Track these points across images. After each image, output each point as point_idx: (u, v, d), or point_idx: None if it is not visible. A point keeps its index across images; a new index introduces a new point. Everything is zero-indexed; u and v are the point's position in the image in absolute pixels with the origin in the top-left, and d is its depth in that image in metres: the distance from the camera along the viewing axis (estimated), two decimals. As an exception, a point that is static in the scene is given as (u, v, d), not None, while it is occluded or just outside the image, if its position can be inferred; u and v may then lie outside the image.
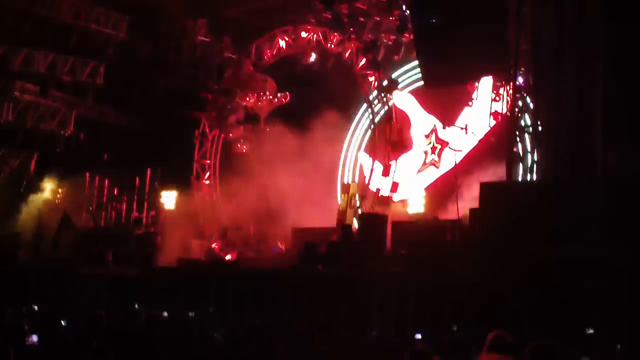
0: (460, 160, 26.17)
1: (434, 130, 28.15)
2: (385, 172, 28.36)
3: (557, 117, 18.21)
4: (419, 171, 28.82)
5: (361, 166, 30.58)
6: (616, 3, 16.92)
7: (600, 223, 14.54)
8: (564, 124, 17.93)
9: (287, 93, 31.29)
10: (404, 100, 28.82)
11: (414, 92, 28.55)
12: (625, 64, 16.54)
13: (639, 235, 13.84)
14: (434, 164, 28.41)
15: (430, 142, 28.24)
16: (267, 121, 31.54)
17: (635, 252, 13.52)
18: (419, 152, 28.62)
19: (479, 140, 26.28)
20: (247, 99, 31.69)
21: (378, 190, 28.41)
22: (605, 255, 13.84)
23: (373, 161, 29.26)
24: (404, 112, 28.93)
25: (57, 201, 32.94)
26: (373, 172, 29.11)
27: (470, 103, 26.18)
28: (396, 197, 28.40)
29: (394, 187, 28.20)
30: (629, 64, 16.48)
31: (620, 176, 15.81)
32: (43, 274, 23.79)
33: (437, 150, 28.02)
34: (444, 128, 28.02)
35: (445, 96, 27.05)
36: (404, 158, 28.64)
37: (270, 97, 31.35)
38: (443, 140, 27.75)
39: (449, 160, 26.77)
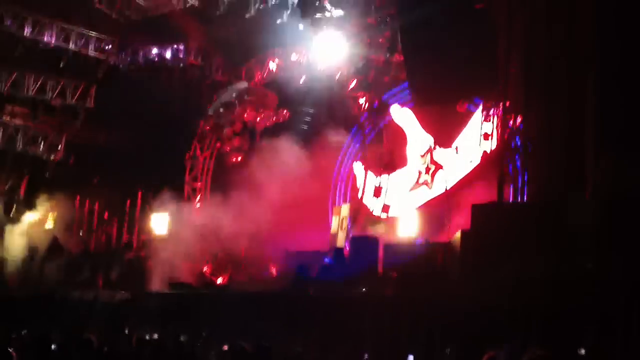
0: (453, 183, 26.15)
1: (429, 150, 27.97)
2: (377, 194, 28.36)
3: (547, 137, 18.23)
4: (411, 189, 28.76)
5: (355, 177, 30.47)
6: (607, 22, 16.96)
7: (592, 241, 14.53)
8: (554, 144, 17.94)
9: (287, 111, 31.30)
10: (402, 115, 28.68)
11: (414, 109, 28.35)
12: (617, 84, 16.56)
13: (631, 252, 13.82)
14: (426, 184, 28.31)
15: (425, 162, 28.07)
16: (263, 136, 31.50)
17: (627, 269, 13.49)
18: (412, 170, 28.50)
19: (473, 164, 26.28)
20: (245, 114, 31.68)
21: (369, 211, 28.38)
22: (598, 273, 13.82)
23: (365, 176, 29.29)
24: (400, 127, 28.83)
25: (47, 225, 32.84)
26: (365, 189, 29.13)
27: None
28: (387, 214, 28.37)
29: (385, 209, 28.18)
30: (620, 84, 16.51)
31: (612, 195, 15.80)
32: (32, 298, 23.70)
33: (430, 171, 27.89)
34: (434, 148, 27.88)
35: (444, 116, 26.91)
36: (397, 174, 28.60)
37: (270, 112, 31.34)
38: (437, 162, 27.61)
39: (442, 182, 26.66)
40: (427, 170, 27.93)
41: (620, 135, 16.43)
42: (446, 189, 25.28)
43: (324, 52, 29.13)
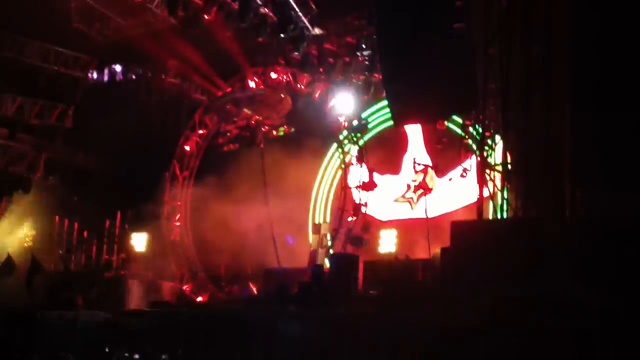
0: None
1: (425, 170, 27.75)
2: (356, 212, 28.34)
3: (526, 155, 18.33)
4: (395, 200, 28.80)
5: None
6: (582, 42, 17.10)
7: (569, 261, 14.59)
8: (533, 163, 18.04)
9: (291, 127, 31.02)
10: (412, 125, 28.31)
11: (423, 127, 28.24)
12: (593, 104, 16.69)
13: (606, 273, 13.91)
14: (410, 202, 28.37)
15: (417, 180, 28.01)
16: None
17: (603, 291, 13.58)
18: (402, 181, 28.50)
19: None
20: (256, 116, 31.22)
21: (349, 229, 28.26)
22: (575, 294, 13.88)
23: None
24: (403, 133, 28.62)
25: (26, 244, 32.73)
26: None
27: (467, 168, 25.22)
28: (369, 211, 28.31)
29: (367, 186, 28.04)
30: (597, 104, 16.63)
31: (588, 217, 15.90)
32: (11, 318, 23.60)
33: (418, 192, 27.88)
34: (428, 170, 27.72)
35: (448, 144, 26.60)
36: (387, 178, 28.59)
37: (279, 120, 30.90)
38: (428, 186, 27.49)
39: (424, 208, 26.54)
40: (416, 188, 27.92)
41: (598, 158, 16.55)
42: (426, 216, 25.25)
43: (303, 70, 29.27)
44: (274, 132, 31.08)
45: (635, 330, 13.09)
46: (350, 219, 28.42)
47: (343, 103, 28.99)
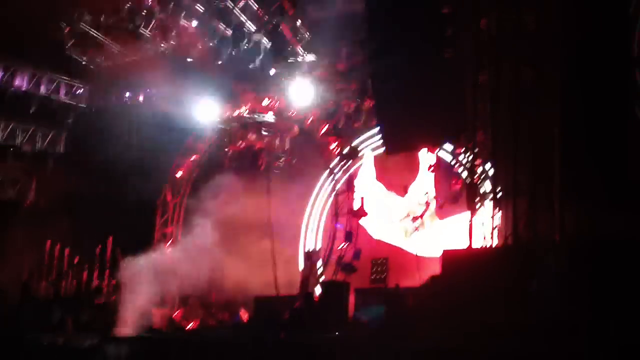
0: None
1: (427, 204, 27.37)
2: (348, 238, 28.30)
3: (515, 181, 18.37)
4: (390, 222, 28.69)
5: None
6: (572, 65, 17.19)
7: (560, 286, 14.61)
8: (522, 188, 18.07)
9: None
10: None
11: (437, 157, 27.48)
12: (583, 127, 16.76)
13: (597, 296, 13.93)
14: (405, 231, 28.25)
15: (417, 211, 27.57)
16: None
17: (594, 313, 13.60)
18: (404, 206, 28.26)
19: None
20: (261, 142, 31.07)
21: (340, 256, 28.21)
22: (566, 318, 13.89)
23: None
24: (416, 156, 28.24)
25: (16, 270, 32.61)
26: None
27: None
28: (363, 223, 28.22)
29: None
30: (586, 127, 16.71)
31: (579, 242, 15.92)
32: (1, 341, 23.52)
33: (415, 224, 27.58)
34: (429, 203, 27.43)
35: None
36: (391, 198, 28.42)
37: (282, 147, 30.78)
38: (423, 222, 27.15)
39: (416, 244, 26.33)
40: (414, 219, 27.58)
41: (588, 180, 16.60)
42: (416, 254, 25.17)
43: (295, 97, 29.25)
44: (276, 163, 31.03)
45: (626, 352, 13.12)
46: (341, 246, 28.39)
47: (334, 129, 29.15)
